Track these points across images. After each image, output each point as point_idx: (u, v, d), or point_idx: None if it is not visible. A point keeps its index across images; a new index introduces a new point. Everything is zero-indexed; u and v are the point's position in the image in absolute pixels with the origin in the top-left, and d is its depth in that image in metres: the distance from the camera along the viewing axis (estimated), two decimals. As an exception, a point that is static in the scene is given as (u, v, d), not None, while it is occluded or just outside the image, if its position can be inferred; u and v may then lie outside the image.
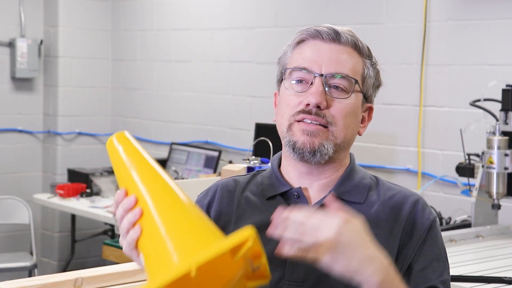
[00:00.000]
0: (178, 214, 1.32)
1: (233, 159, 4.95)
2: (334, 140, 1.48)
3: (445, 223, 3.66)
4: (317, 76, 1.48)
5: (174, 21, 5.48)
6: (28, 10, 5.71)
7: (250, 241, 1.23)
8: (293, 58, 1.53)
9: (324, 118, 1.47)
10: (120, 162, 1.40)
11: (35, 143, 5.84)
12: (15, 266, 5.07)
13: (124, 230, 1.35)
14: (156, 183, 1.36)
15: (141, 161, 1.39)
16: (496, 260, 2.84)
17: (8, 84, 5.67)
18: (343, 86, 1.49)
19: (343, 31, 1.52)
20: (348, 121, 1.50)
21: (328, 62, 1.49)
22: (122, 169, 1.39)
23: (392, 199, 1.52)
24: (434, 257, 1.50)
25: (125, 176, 1.38)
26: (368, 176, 1.58)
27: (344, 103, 1.49)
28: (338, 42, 1.51)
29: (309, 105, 1.47)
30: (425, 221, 1.50)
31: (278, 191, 1.54)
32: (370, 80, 1.55)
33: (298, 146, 1.48)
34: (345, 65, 1.50)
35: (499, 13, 3.73)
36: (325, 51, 1.50)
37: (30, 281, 1.98)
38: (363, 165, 4.27)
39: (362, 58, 1.53)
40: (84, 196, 5.11)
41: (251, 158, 3.05)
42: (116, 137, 1.44)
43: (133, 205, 1.34)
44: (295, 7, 4.66)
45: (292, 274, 1.47)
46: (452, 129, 3.86)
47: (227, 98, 5.11)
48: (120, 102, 5.94)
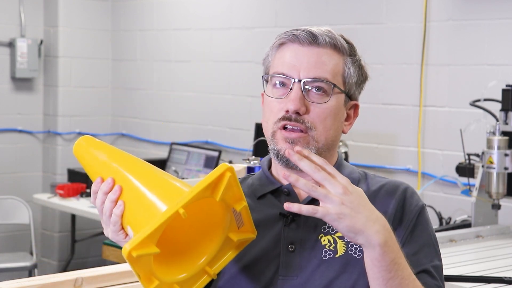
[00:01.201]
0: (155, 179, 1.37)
1: (233, 159, 4.95)
2: (316, 145, 1.50)
3: (445, 223, 3.66)
4: (296, 81, 1.50)
5: (174, 21, 5.48)
6: (28, 10, 5.71)
7: (228, 173, 1.30)
8: (274, 62, 1.55)
9: (303, 123, 1.49)
10: (89, 156, 1.46)
11: (35, 143, 5.84)
12: (15, 266, 5.07)
13: (108, 212, 1.39)
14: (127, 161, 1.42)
15: (109, 150, 1.45)
16: (496, 260, 2.84)
17: (8, 84, 5.67)
18: (322, 89, 1.50)
19: (320, 33, 1.52)
20: (329, 123, 1.51)
21: (306, 66, 1.50)
22: (94, 163, 1.45)
23: (381, 189, 1.55)
24: (425, 242, 1.52)
25: (97, 165, 1.44)
26: (356, 170, 1.61)
27: (323, 107, 1.50)
28: (316, 44, 1.51)
29: (289, 111, 1.49)
30: (414, 207, 1.53)
31: (269, 189, 1.57)
32: (352, 79, 1.55)
33: (281, 154, 1.50)
34: (324, 68, 1.51)
35: (499, 13, 3.73)
36: (303, 55, 1.51)
37: (30, 281, 1.98)
38: (362, 165, 4.29)
39: (342, 57, 1.53)
40: (84, 196, 5.11)
41: (251, 158, 3.05)
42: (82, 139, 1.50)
43: (112, 186, 1.38)
44: (295, 7, 4.66)
45: (286, 268, 1.49)
46: (452, 129, 3.86)
47: (227, 98, 5.11)
48: (120, 102, 5.94)
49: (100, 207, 1.40)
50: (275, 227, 1.52)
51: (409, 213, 1.52)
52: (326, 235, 1.50)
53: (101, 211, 1.41)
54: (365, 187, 1.55)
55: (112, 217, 1.38)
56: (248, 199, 1.57)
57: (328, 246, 1.48)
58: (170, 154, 5.28)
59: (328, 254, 1.48)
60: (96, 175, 1.43)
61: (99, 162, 1.44)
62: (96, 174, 1.43)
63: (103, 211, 1.40)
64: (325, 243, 1.49)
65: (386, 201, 1.53)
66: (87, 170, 1.47)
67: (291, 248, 1.49)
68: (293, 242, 1.50)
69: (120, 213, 1.37)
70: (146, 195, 1.34)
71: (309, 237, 1.49)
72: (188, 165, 5.13)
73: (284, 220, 1.51)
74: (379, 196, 1.53)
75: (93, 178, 1.44)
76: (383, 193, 1.54)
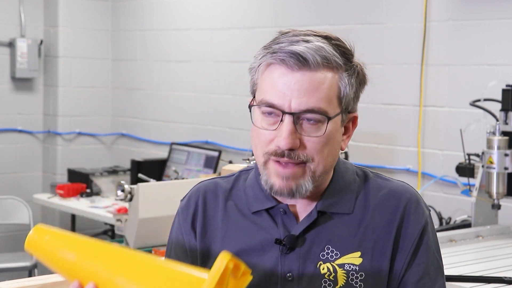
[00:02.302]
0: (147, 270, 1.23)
1: (233, 159, 4.95)
2: (313, 174, 1.40)
3: (445, 223, 3.66)
4: (287, 114, 1.37)
5: (174, 21, 5.48)
6: (28, 10, 5.71)
7: (231, 265, 1.18)
8: (262, 85, 1.42)
9: (299, 158, 1.38)
10: (50, 253, 1.29)
11: (35, 143, 5.84)
12: (15, 266, 5.06)
13: None
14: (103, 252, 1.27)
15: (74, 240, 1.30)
16: (496, 260, 2.84)
17: (8, 84, 5.67)
18: (316, 119, 1.38)
19: (311, 54, 1.37)
20: (326, 152, 1.40)
21: (297, 95, 1.36)
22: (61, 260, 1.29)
23: (383, 202, 1.47)
24: (430, 262, 1.46)
25: (66, 264, 1.28)
26: (353, 178, 1.50)
27: (319, 139, 1.38)
28: (308, 67, 1.37)
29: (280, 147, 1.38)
30: (417, 225, 1.46)
31: (264, 206, 1.47)
32: (349, 96, 1.42)
33: (276, 189, 1.41)
34: (317, 96, 1.37)
35: (499, 13, 3.73)
36: (293, 82, 1.37)
37: (30, 281, 1.98)
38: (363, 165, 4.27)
39: (337, 75, 1.40)
40: (84, 196, 5.11)
41: (251, 158, 3.05)
42: (34, 231, 1.31)
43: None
44: (295, 7, 4.66)
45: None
46: (452, 129, 3.86)
47: (227, 98, 5.11)
48: (120, 102, 5.94)
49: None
50: (272, 253, 1.44)
51: (411, 233, 1.45)
52: (325, 262, 1.42)
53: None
54: (365, 199, 1.47)
55: None
56: (240, 213, 1.49)
57: (328, 276, 1.41)
58: (170, 154, 5.28)
59: (328, 285, 1.41)
60: (67, 274, 1.28)
61: (69, 262, 1.27)
62: (67, 273, 1.28)
63: None
64: (324, 271, 1.42)
65: (389, 214, 1.46)
66: (51, 267, 1.30)
67: (290, 277, 1.43)
68: (291, 271, 1.43)
69: None
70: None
71: (308, 266, 1.42)
72: (188, 165, 5.13)
73: (280, 248, 1.43)
74: (381, 211, 1.46)
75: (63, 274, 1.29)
76: (385, 206, 1.47)
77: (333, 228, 1.45)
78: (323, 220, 1.46)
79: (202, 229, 1.51)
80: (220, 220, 1.51)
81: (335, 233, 1.45)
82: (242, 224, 1.48)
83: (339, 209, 1.46)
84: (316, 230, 1.45)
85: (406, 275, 1.44)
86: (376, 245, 1.44)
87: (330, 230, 1.45)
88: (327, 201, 1.46)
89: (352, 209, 1.46)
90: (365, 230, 1.45)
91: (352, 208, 1.46)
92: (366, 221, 1.46)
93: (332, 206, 1.46)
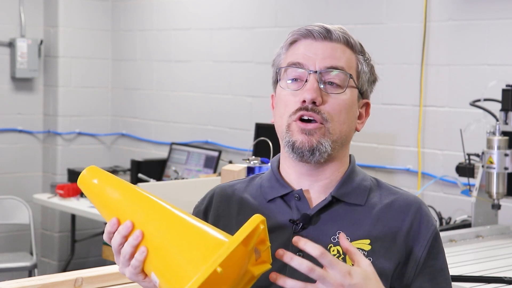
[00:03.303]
0: (178, 223, 1.33)
1: (233, 159, 4.95)
2: (331, 137, 1.48)
3: (445, 223, 3.66)
4: (312, 73, 1.49)
5: (174, 21, 5.48)
6: (28, 10, 5.71)
7: (262, 226, 1.27)
8: (287, 58, 1.54)
9: (320, 114, 1.47)
10: (101, 193, 1.39)
11: (35, 143, 5.84)
12: (15, 266, 5.07)
13: (127, 256, 1.33)
14: (145, 202, 1.36)
15: (122, 186, 1.39)
16: (496, 260, 2.84)
17: (8, 84, 5.67)
18: (338, 81, 1.49)
19: (334, 29, 1.52)
20: (344, 116, 1.50)
21: (321, 58, 1.49)
22: (105, 200, 1.38)
23: (394, 202, 1.52)
24: (441, 266, 1.51)
25: (111, 205, 1.37)
26: (368, 178, 1.58)
27: (340, 99, 1.49)
28: (330, 39, 1.51)
29: (305, 101, 1.47)
30: (430, 227, 1.51)
31: (279, 193, 1.53)
32: (365, 76, 1.55)
33: (297, 145, 1.48)
34: (339, 60, 1.50)
35: (499, 13, 3.73)
36: (318, 48, 1.50)
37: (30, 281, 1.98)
38: (363, 165, 4.29)
39: (355, 54, 1.54)
40: (84, 196, 5.11)
41: (251, 158, 3.05)
42: (87, 171, 1.42)
43: (131, 230, 1.33)
44: (295, 7, 4.66)
45: (294, 275, 1.44)
46: (452, 129, 3.86)
47: (227, 98, 5.11)
48: (120, 102, 5.94)
49: (117, 248, 1.35)
50: (284, 233, 1.49)
51: (425, 232, 1.50)
52: (335, 245, 1.47)
53: (118, 252, 1.35)
54: (377, 198, 1.53)
55: (133, 261, 1.33)
56: (256, 201, 1.55)
57: (337, 257, 1.45)
58: (170, 154, 5.28)
59: None
60: (108, 212, 1.37)
61: (112, 200, 1.37)
62: (109, 212, 1.37)
63: (122, 254, 1.34)
64: (334, 253, 1.46)
65: (399, 216, 1.50)
66: (95, 204, 1.40)
67: (300, 256, 1.46)
68: (302, 250, 1.47)
69: (143, 259, 1.31)
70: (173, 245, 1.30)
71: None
72: (188, 165, 5.13)
73: (294, 227, 1.49)
74: (392, 211, 1.51)
75: (105, 214, 1.39)
76: (396, 207, 1.51)
77: (345, 215, 1.50)
78: (336, 206, 1.51)
79: (214, 220, 1.57)
80: (235, 213, 1.56)
81: (347, 220, 1.50)
82: (258, 210, 1.52)
83: (352, 200, 1.52)
84: (329, 214, 1.50)
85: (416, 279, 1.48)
86: (386, 239, 1.48)
87: (342, 217, 1.50)
88: (342, 189, 1.52)
89: (364, 202, 1.52)
90: (376, 222, 1.49)
91: (364, 201, 1.52)
92: (377, 214, 1.50)
93: (345, 195, 1.52)
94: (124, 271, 1.37)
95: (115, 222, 1.34)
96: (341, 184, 1.53)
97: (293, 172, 1.54)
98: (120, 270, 1.38)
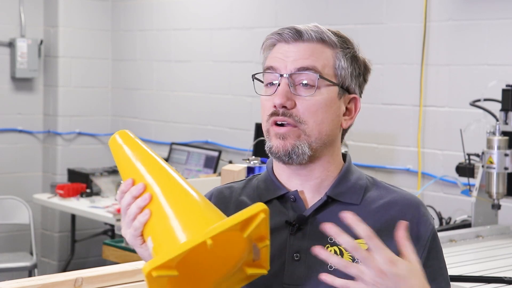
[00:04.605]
0: (186, 197, 1.37)
1: (233, 159, 4.95)
2: (308, 139, 1.47)
3: (445, 223, 3.66)
4: (283, 76, 1.48)
5: (174, 21, 5.48)
6: (28, 10, 5.71)
7: (262, 214, 1.28)
8: (265, 62, 1.55)
9: (291, 117, 1.47)
10: (124, 155, 1.46)
11: (35, 143, 5.84)
12: (15, 266, 5.07)
13: (132, 216, 1.38)
14: (161, 172, 1.41)
15: (145, 154, 1.45)
16: (496, 260, 2.84)
17: (8, 84, 5.67)
18: (310, 81, 1.48)
19: (305, 29, 1.50)
20: (321, 116, 1.48)
21: (292, 60, 1.48)
22: (126, 162, 1.45)
23: (392, 202, 1.52)
24: (440, 266, 1.51)
25: (130, 168, 1.43)
26: (364, 176, 1.57)
27: (313, 100, 1.47)
28: (302, 40, 1.49)
29: (276, 106, 1.48)
30: (429, 226, 1.50)
31: (275, 195, 1.53)
32: (345, 71, 1.51)
33: (273, 150, 1.49)
34: (311, 59, 1.48)
35: (499, 13, 3.73)
36: (289, 51, 1.50)
37: (30, 281, 1.98)
38: (363, 165, 4.29)
39: (332, 50, 1.51)
40: (84, 196, 5.11)
41: (251, 158, 3.05)
42: (119, 134, 1.51)
43: (142, 192, 1.38)
44: (295, 7, 4.66)
45: (291, 277, 1.46)
46: (452, 129, 3.86)
47: (227, 98, 5.11)
48: (120, 102, 5.94)
49: (125, 208, 1.39)
50: (281, 235, 1.49)
51: (424, 232, 1.50)
52: (332, 245, 1.47)
53: (125, 212, 1.39)
54: (374, 196, 1.52)
55: (134, 222, 1.37)
56: (253, 202, 1.53)
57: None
58: (170, 154, 5.28)
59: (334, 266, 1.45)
60: (127, 174, 1.43)
61: (133, 165, 1.43)
62: (127, 174, 1.43)
63: (127, 214, 1.39)
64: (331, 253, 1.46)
65: (397, 216, 1.49)
66: (118, 166, 1.47)
67: (297, 257, 1.47)
68: (299, 251, 1.47)
69: (145, 221, 1.36)
70: (175, 215, 1.34)
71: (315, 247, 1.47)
72: (188, 165, 5.13)
73: (290, 228, 1.49)
74: (390, 210, 1.50)
75: (123, 175, 1.44)
76: (394, 206, 1.51)
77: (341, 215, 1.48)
78: (332, 206, 1.51)
79: None
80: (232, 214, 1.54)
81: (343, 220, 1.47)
82: None
83: (347, 199, 1.51)
84: (325, 214, 1.50)
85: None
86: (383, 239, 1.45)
87: (338, 217, 1.47)
88: (337, 189, 1.52)
89: (359, 201, 1.51)
90: (373, 221, 1.47)
91: (359, 200, 1.52)
92: (374, 213, 1.50)
93: (340, 195, 1.52)
94: (126, 233, 1.41)
95: (129, 182, 1.40)
96: (336, 183, 1.52)
97: (283, 173, 1.55)
98: (123, 232, 1.42)
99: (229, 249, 1.33)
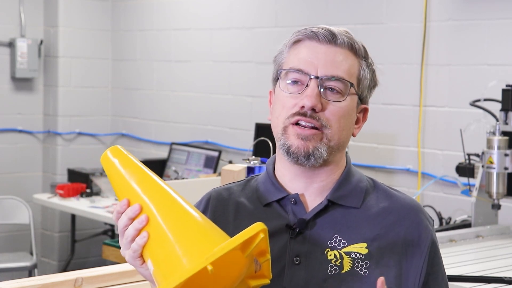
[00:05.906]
0: (183, 217, 1.34)
1: (233, 159, 4.95)
2: (328, 143, 1.47)
3: (445, 223, 3.66)
4: (313, 78, 1.47)
5: (174, 21, 5.48)
6: (28, 10, 5.71)
7: (262, 234, 1.27)
8: (289, 58, 1.51)
9: (319, 121, 1.46)
10: (118, 174, 1.42)
11: (35, 143, 5.84)
12: (15, 266, 5.07)
13: (129, 238, 1.35)
14: (157, 191, 1.38)
15: (139, 172, 1.41)
16: (496, 260, 2.84)
17: (8, 84, 5.67)
18: (339, 88, 1.48)
19: (339, 32, 1.50)
20: (343, 123, 1.48)
21: (324, 64, 1.47)
22: (121, 181, 1.41)
23: (391, 206, 1.51)
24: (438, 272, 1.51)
25: (125, 187, 1.40)
26: (364, 178, 1.56)
27: (339, 106, 1.47)
28: (334, 43, 1.49)
29: (304, 107, 1.46)
30: (427, 233, 1.50)
31: (275, 197, 1.52)
32: (366, 82, 1.53)
33: (292, 150, 1.47)
34: (341, 67, 1.48)
35: (499, 13, 3.73)
36: (321, 52, 1.48)
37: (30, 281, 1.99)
38: (363, 165, 4.29)
39: (358, 60, 1.51)
40: (84, 196, 5.11)
41: (251, 158, 3.05)
42: (111, 151, 1.45)
43: (138, 213, 1.35)
44: (295, 7, 4.66)
45: (291, 281, 1.46)
46: (452, 129, 3.86)
47: (227, 98, 5.11)
48: (120, 102, 5.94)
49: (122, 230, 1.37)
50: (281, 238, 1.48)
51: (425, 238, 1.49)
52: (332, 249, 1.46)
53: (123, 233, 1.37)
54: (374, 200, 1.52)
55: (133, 244, 1.35)
56: (253, 205, 1.54)
57: (334, 262, 1.45)
58: (170, 154, 5.28)
59: (334, 269, 1.45)
60: (122, 193, 1.40)
61: (127, 184, 1.40)
62: (122, 193, 1.40)
63: (125, 236, 1.36)
64: (331, 257, 1.45)
65: (397, 221, 1.49)
66: (112, 184, 1.44)
67: (297, 261, 1.46)
68: (299, 255, 1.46)
69: (143, 243, 1.33)
70: (173, 236, 1.31)
71: (316, 251, 1.46)
72: (188, 165, 5.13)
73: (290, 232, 1.48)
74: (389, 215, 1.50)
75: (118, 194, 1.42)
76: (394, 211, 1.50)
77: (341, 219, 1.49)
78: (332, 210, 1.50)
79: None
80: (231, 217, 1.55)
81: (343, 224, 1.49)
82: (254, 215, 1.52)
83: (348, 203, 1.51)
84: (326, 218, 1.49)
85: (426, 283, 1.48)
86: (383, 243, 1.47)
87: (338, 221, 1.49)
88: (338, 192, 1.51)
89: (360, 204, 1.51)
90: (372, 226, 1.48)
91: (360, 203, 1.51)
92: (373, 218, 1.49)
93: (341, 198, 1.51)
94: (124, 254, 1.39)
95: (125, 203, 1.37)
96: (337, 186, 1.51)
97: (288, 173, 1.53)
98: (122, 252, 1.40)
99: (230, 268, 1.33)
